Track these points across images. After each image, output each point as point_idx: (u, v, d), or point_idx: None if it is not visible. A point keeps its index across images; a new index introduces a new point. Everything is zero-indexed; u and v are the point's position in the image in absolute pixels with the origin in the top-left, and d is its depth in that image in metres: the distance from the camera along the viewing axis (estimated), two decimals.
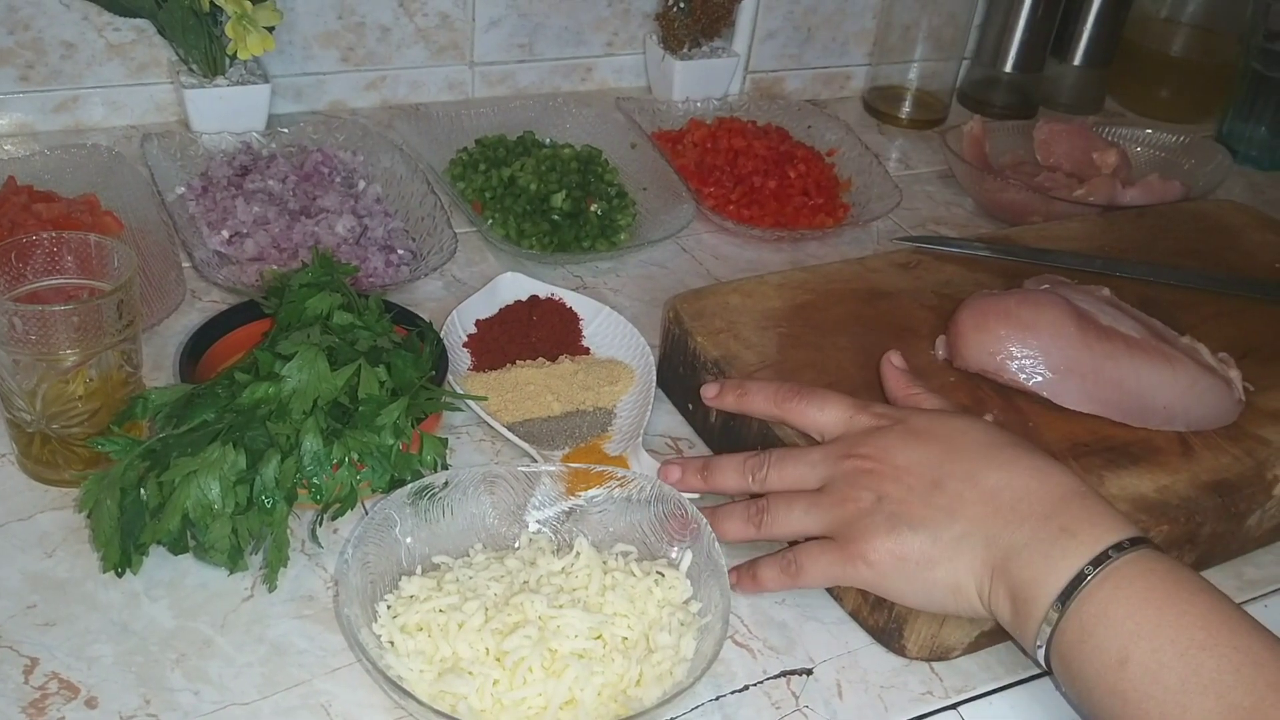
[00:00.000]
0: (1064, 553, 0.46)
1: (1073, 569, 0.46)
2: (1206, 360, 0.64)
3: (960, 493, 0.49)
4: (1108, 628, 0.44)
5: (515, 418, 0.64)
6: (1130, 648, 0.44)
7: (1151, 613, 0.44)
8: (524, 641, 0.48)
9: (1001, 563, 0.48)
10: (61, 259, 0.56)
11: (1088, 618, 0.45)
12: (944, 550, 0.49)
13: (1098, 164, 0.94)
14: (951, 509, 0.49)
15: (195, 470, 0.50)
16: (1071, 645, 0.45)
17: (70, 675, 0.48)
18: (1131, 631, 0.44)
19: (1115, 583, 0.45)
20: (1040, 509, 0.48)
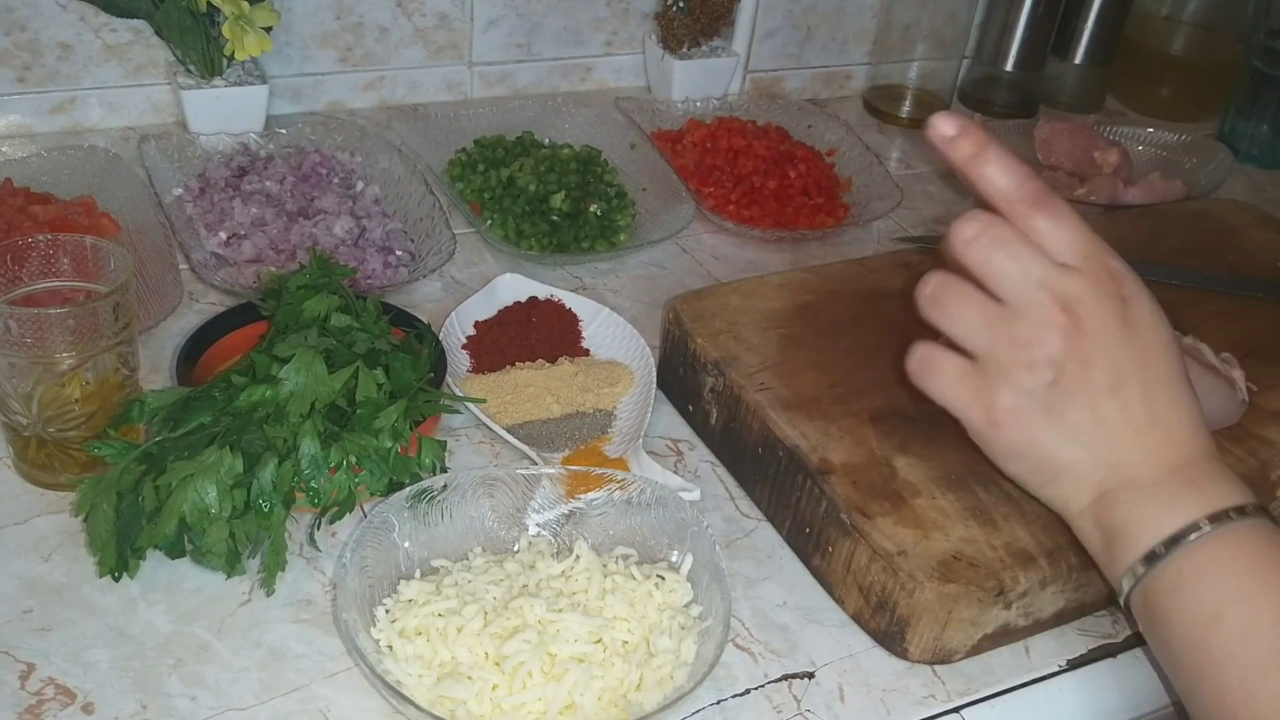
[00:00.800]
0: (1184, 500, 0.45)
1: (1188, 517, 0.45)
2: (1209, 360, 0.64)
3: (1126, 410, 0.46)
4: (1207, 583, 0.44)
5: (514, 420, 0.64)
6: (1226, 607, 0.43)
7: (1255, 578, 0.43)
8: (523, 646, 0.47)
9: (1114, 491, 0.46)
10: (58, 261, 0.56)
11: (1189, 568, 0.44)
12: (1072, 451, 0.47)
13: (1099, 163, 0.94)
14: (1107, 421, 0.46)
15: (192, 474, 0.50)
16: (1164, 592, 0.45)
17: (67, 680, 0.48)
18: (1231, 592, 0.43)
19: (1225, 542, 0.44)
20: (1178, 458, 0.46)
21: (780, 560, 0.59)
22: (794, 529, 0.59)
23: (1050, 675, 0.54)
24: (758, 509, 0.61)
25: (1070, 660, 0.55)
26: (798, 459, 0.58)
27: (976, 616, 0.52)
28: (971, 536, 0.54)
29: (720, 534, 0.60)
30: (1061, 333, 0.45)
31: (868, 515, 0.54)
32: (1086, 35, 1.12)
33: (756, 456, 0.61)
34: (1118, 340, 0.46)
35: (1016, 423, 0.47)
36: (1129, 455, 0.47)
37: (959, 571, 0.52)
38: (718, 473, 0.64)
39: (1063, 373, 0.46)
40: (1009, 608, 0.53)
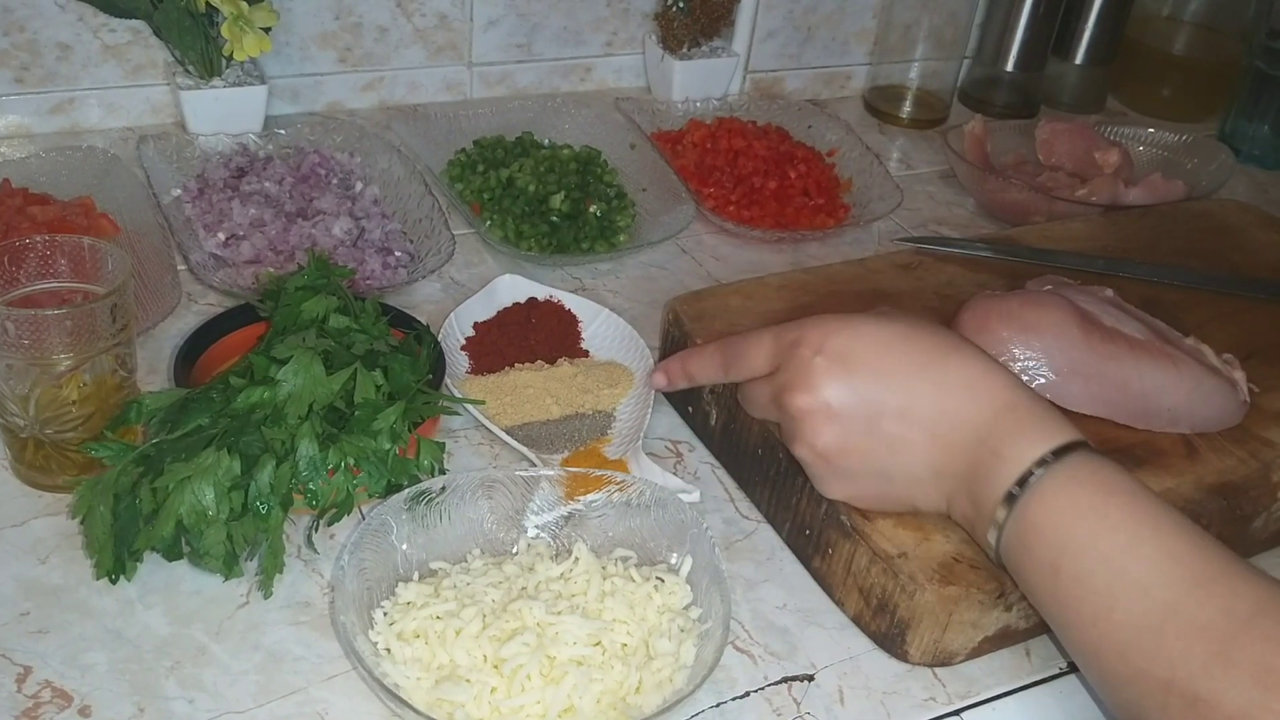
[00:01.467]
0: (995, 477, 0.48)
1: (1002, 491, 0.47)
2: (1211, 361, 0.64)
3: (899, 433, 0.50)
4: (1039, 539, 0.46)
5: (514, 421, 0.63)
6: (1060, 558, 0.46)
7: (1077, 523, 0.45)
8: (522, 648, 0.47)
9: (952, 494, 0.50)
10: (55, 262, 0.56)
11: (1023, 531, 0.47)
12: (898, 487, 0.51)
13: (1100, 163, 0.94)
14: (894, 448, 0.50)
15: (190, 476, 0.50)
16: (1015, 559, 0.48)
17: (64, 684, 0.48)
18: (1060, 543, 0.46)
19: (1043, 496, 0.46)
20: (973, 434, 0.49)
21: (780, 562, 0.58)
22: (794, 531, 0.59)
23: (1051, 678, 0.54)
24: (757, 511, 0.61)
25: (1071, 663, 0.55)
26: (797, 460, 0.57)
27: (977, 619, 0.52)
28: (971, 539, 0.53)
29: (720, 536, 0.59)
30: (801, 419, 0.51)
31: (868, 517, 0.54)
32: (1087, 35, 1.12)
33: (756, 458, 0.61)
34: (839, 381, 0.50)
35: (842, 492, 0.53)
36: (938, 462, 0.50)
37: (960, 573, 0.52)
38: (717, 474, 0.64)
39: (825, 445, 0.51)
40: (1010, 610, 0.53)
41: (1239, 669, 0.40)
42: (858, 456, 0.50)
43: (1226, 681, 0.40)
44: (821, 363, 0.50)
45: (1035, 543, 0.46)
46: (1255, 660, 0.40)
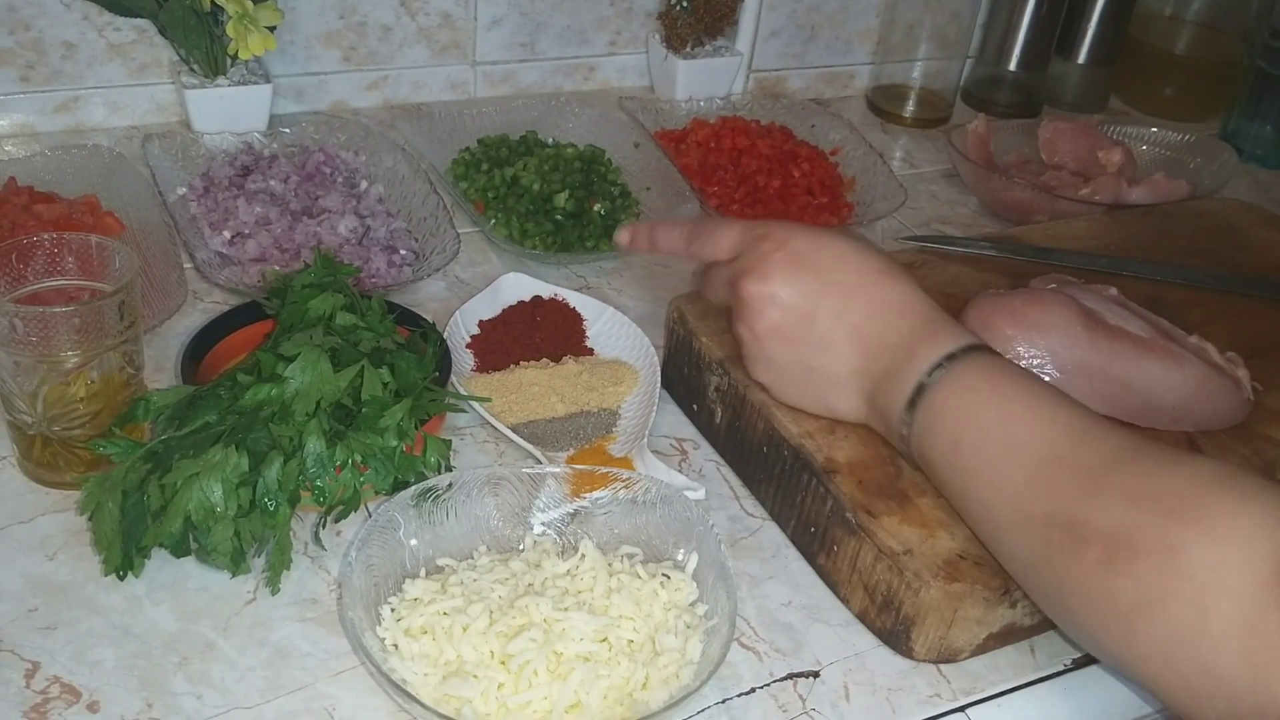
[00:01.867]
0: (909, 372, 0.53)
1: (914, 381, 0.53)
2: (1215, 360, 0.64)
3: (831, 331, 0.55)
4: (943, 418, 0.52)
5: (519, 419, 0.63)
6: (960, 431, 0.51)
7: (977, 399, 0.51)
8: (529, 644, 0.47)
9: (870, 393, 0.56)
10: (62, 260, 0.56)
11: (929, 414, 0.52)
12: (818, 383, 0.57)
13: (1103, 162, 0.94)
14: (823, 345, 0.56)
15: (197, 472, 0.50)
16: (920, 441, 0.53)
17: (72, 679, 0.48)
18: (961, 421, 0.51)
19: (947, 384, 0.52)
20: (896, 339, 0.54)
21: (785, 559, 0.59)
22: (799, 528, 0.59)
23: (1056, 674, 0.54)
24: (763, 508, 0.61)
25: (1076, 659, 0.55)
26: (803, 458, 0.57)
27: (982, 615, 0.52)
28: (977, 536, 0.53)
29: (725, 533, 0.59)
30: (750, 303, 0.56)
31: (873, 514, 0.54)
32: (1090, 35, 1.12)
33: (761, 455, 0.61)
34: (791, 277, 0.55)
35: (766, 373, 0.59)
36: (859, 362, 0.55)
37: (964, 570, 0.52)
38: (722, 472, 0.64)
39: (766, 327, 0.56)
40: (1014, 607, 0.53)
41: (1112, 494, 0.45)
42: (789, 346, 0.56)
43: (1100, 505, 0.45)
44: (779, 257, 0.56)
45: (940, 423, 0.52)
46: (1126, 486, 0.45)
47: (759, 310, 0.56)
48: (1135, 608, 0.43)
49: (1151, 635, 0.43)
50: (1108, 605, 0.44)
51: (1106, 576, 0.44)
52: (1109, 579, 0.44)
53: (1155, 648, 0.43)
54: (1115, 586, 0.44)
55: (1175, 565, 0.42)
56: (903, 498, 0.55)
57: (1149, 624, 0.43)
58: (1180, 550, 0.42)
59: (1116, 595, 0.44)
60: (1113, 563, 0.44)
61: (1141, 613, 0.43)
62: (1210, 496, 0.43)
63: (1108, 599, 0.44)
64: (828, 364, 0.56)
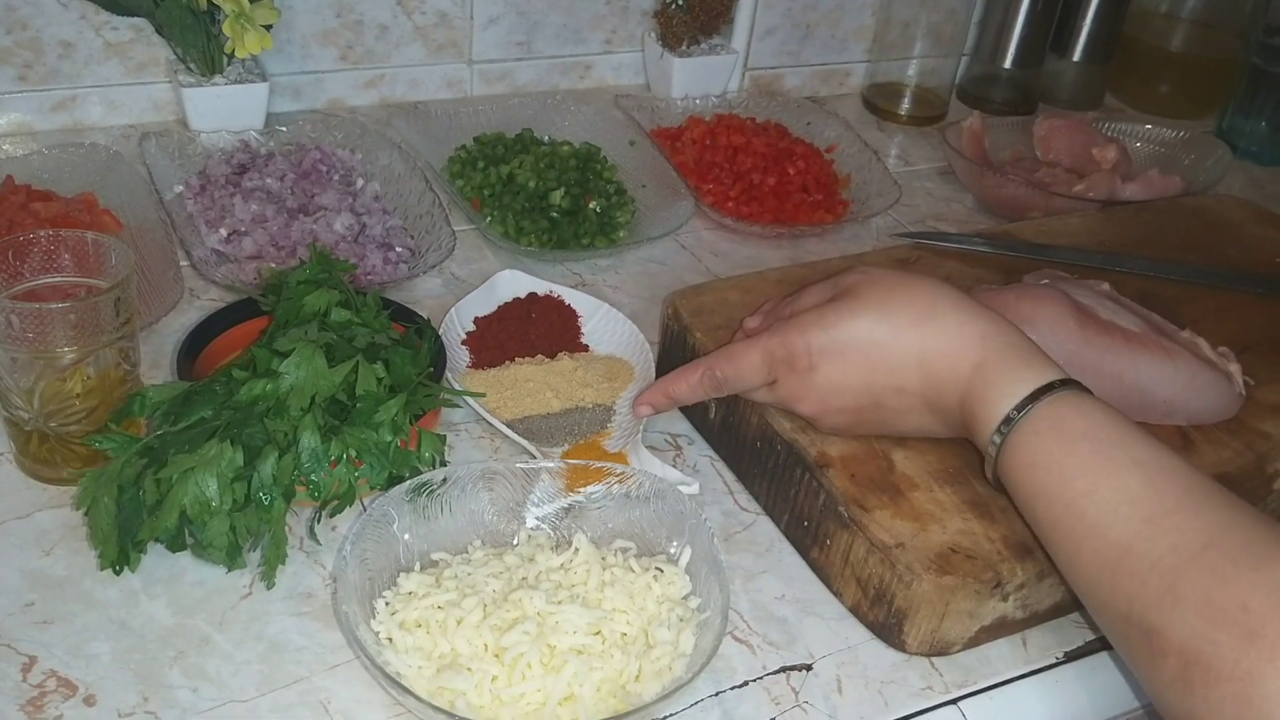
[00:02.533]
0: (979, 432, 0.52)
1: (984, 444, 0.52)
2: (1207, 354, 0.64)
3: (899, 404, 0.55)
4: (1016, 492, 0.51)
5: (514, 415, 0.64)
6: (1034, 507, 0.50)
7: (1041, 475, 0.49)
8: (523, 637, 0.48)
9: (963, 434, 0.54)
10: (59, 257, 0.56)
11: (1006, 482, 0.51)
12: (909, 432, 0.57)
13: (1097, 159, 0.94)
14: (899, 414, 0.55)
15: (193, 467, 0.50)
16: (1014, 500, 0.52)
17: (68, 673, 0.48)
18: (1031, 494, 0.50)
19: (1009, 455, 0.50)
20: (957, 395, 0.53)
21: (779, 553, 0.59)
22: (792, 522, 0.59)
23: (1048, 667, 0.55)
24: (756, 503, 0.62)
25: (1068, 652, 0.55)
26: (796, 453, 0.58)
27: (974, 608, 0.53)
28: (969, 529, 0.54)
29: (719, 528, 0.60)
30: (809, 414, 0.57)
31: (865, 508, 0.54)
32: (1085, 32, 1.12)
33: (755, 451, 0.61)
34: (833, 380, 0.55)
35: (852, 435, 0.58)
36: (938, 408, 0.54)
37: (956, 564, 0.52)
38: (716, 467, 0.64)
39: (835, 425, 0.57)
40: (1006, 600, 0.53)
41: (1185, 602, 0.43)
42: (868, 428, 0.57)
43: (1174, 614, 0.43)
44: (819, 371, 0.55)
45: (1014, 493, 0.51)
46: (1199, 593, 0.43)
47: (827, 423, 0.57)
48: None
49: None
50: (1188, 717, 0.43)
51: (1184, 694, 0.43)
52: (1186, 695, 0.42)
53: None
54: (1193, 707, 0.42)
55: (1251, 698, 0.40)
56: (895, 492, 0.56)
57: None
58: (1257, 681, 0.40)
59: (1194, 713, 0.42)
60: (1189, 683, 0.42)
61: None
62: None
63: (1187, 715, 0.43)
64: (910, 425, 0.56)
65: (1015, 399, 0.50)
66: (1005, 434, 0.50)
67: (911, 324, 0.53)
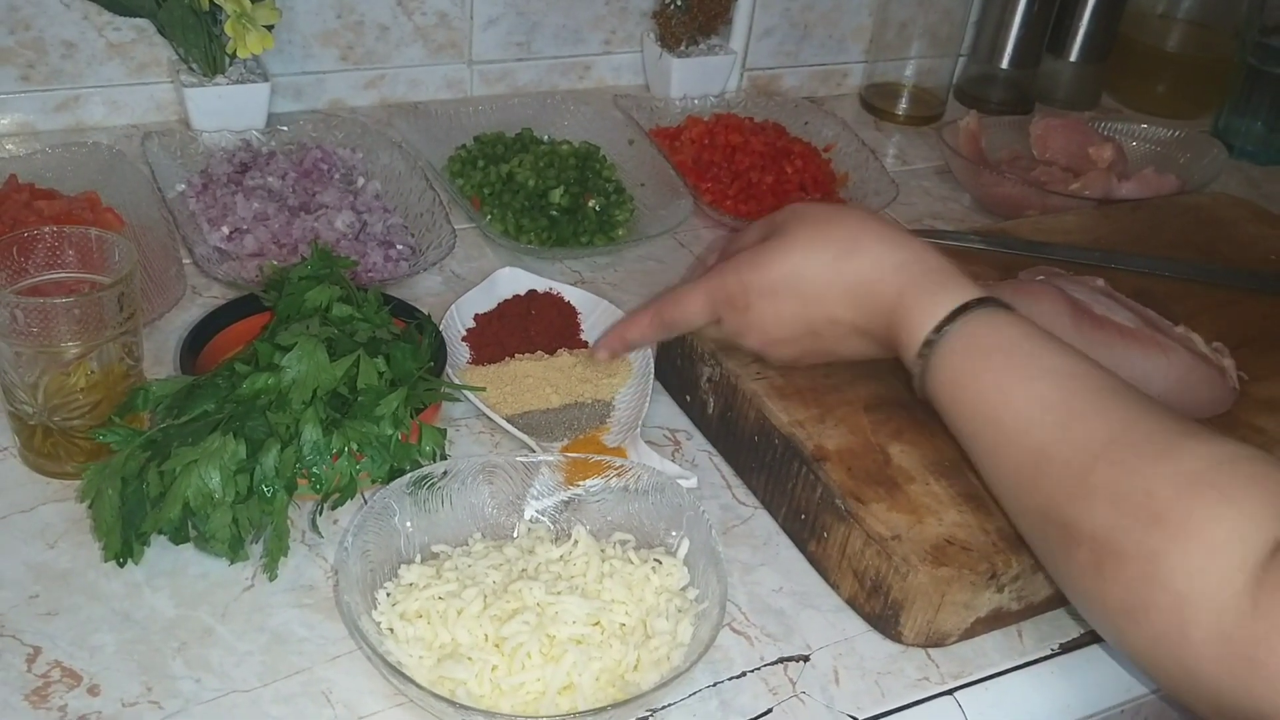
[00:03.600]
0: (906, 356, 0.54)
1: (910, 365, 0.54)
2: (1200, 349, 0.65)
3: (835, 333, 0.57)
4: (941, 408, 0.53)
5: (514, 410, 0.64)
6: (956, 422, 0.52)
7: (959, 392, 0.51)
8: (522, 628, 0.48)
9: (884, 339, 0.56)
10: (63, 253, 0.57)
11: (932, 399, 0.53)
12: (845, 356, 0.59)
13: (1093, 158, 0.95)
14: (836, 342, 0.58)
15: (196, 460, 0.50)
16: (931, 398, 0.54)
17: (72, 664, 0.49)
18: (954, 410, 0.52)
19: (932, 375, 0.52)
20: (886, 320, 0.54)
21: (776, 546, 0.59)
22: (790, 515, 0.59)
23: (1043, 658, 0.55)
24: (754, 496, 0.62)
25: (1063, 644, 0.56)
26: (793, 446, 0.58)
27: (969, 600, 0.53)
28: (964, 521, 0.54)
29: (717, 521, 0.60)
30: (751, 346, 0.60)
31: (862, 501, 0.55)
32: (1082, 32, 1.12)
33: (753, 445, 0.61)
34: (771, 316, 0.57)
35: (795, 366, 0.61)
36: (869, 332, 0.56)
37: (952, 555, 0.52)
38: (714, 461, 0.64)
39: (773, 354, 0.60)
40: (1001, 591, 0.54)
41: (1096, 495, 0.45)
42: (815, 356, 0.60)
43: (1086, 507, 0.45)
44: (755, 309, 0.58)
45: (942, 413, 0.53)
46: (1108, 486, 0.45)
47: (770, 353, 0.60)
48: (1122, 611, 0.44)
49: (1139, 638, 0.44)
50: (1099, 605, 0.46)
51: (1096, 579, 0.45)
52: (1098, 582, 0.45)
53: (1143, 649, 0.44)
54: (1104, 590, 0.45)
55: (1156, 575, 0.43)
56: (891, 484, 0.56)
57: (1135, 628, 0.44)
58: (1161, 559, 0.43)
59: (1106, 598, 0.45)
60: (1100, 567, 0.45)
61: (1128, 617, 0.44)
62: (1191, 498, 0.43)
63: (1099, 600, 0.45)
64: (846, 350, 0.58)
65: (934, 321, 0.52)
66: (927, 356, 0.52)
67: (836, 258, 0.55)
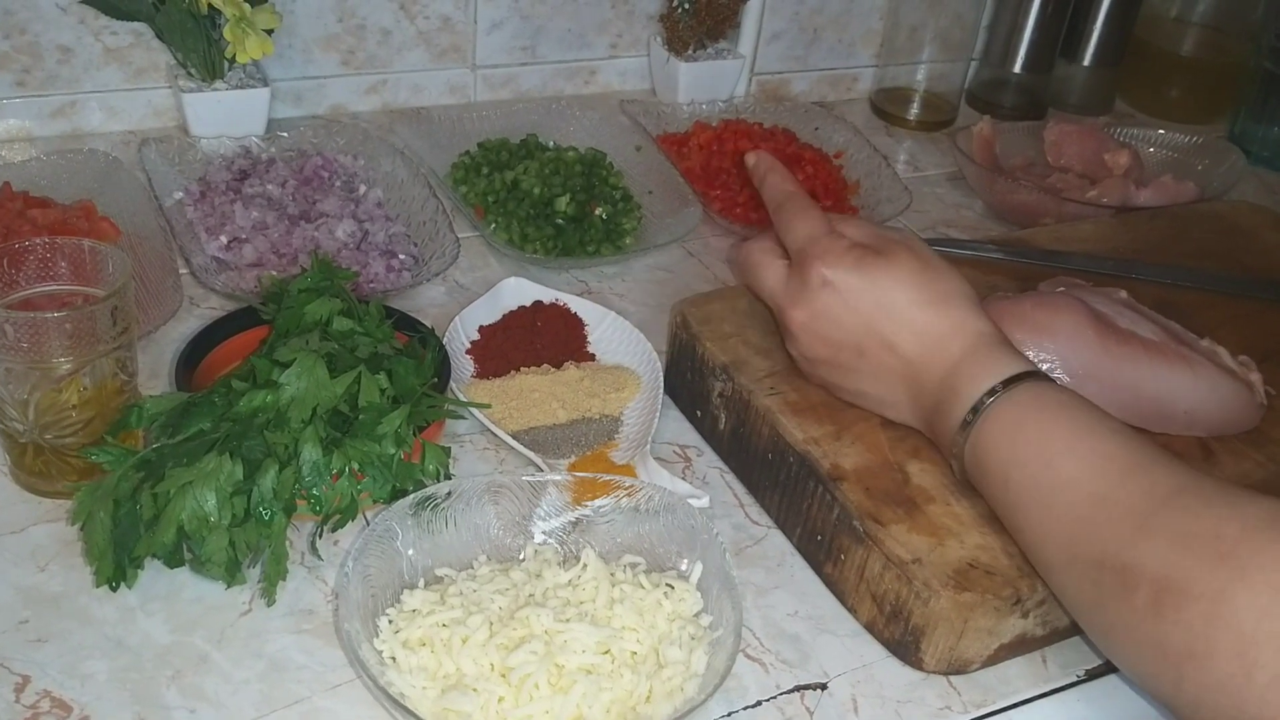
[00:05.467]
0: (954, 410, 0.53)
1: (959, 420, 0.53)
2: (1227, 363, 0.63)
3: (883, 361, 0.56)
4: (991, 457, 0.52)
5: (520, 426, 0.62)
6: (1008, 470, 0.51)
7: (1020, 437, 0.51)
8: (530, 657, 0.46)
9: (924, 422, 0.56)
10: (55, 265, 0.55)
11: (979, 453, 0.52)
12: (871, 401, 0.58)
13: (1109, 165, 0.93)
14: (876, 374, 0.57)
15: (191, 481, 0.49)
16: (975, 478, 0.53)
17: (63, 693, 0.47)
18: (1007, 457, 0.51)
19: (990, 421, 0.52)
20: (941, 375, 0.54)
21: (791, 568, 0.58)
22: (805, 536, 0.58)
23: (1068, 685, 0.53)
24: (768, 516, 0.60)
25: (1089, 670, 0.54)
26: (809, 465, 0.56)
27: (993, 626, 0.51)
28: (987, 544, 0.53)
29: (730, 541, 0.58)
30: (799, 331, 0.58)
31: (881, 522, 0.53)
32: (1095, 37, 1.11)
33: (766, 462, 0.60)
34: (840, 317, 0.56)
35: (822, 382, 0.60)
36: (913, 386, 0.56)
37: (975, 580, 0.51)
38: (726, 479, 0.63)
39: (816, 356, 0.58)
40: (1026, 616, 0.52)
41: (1159, 537, 0.44)
42: (834, 375, 0.58)
43: (1147, 548, 0.44)
44: (825, 294, 0.56)
45: (988, 459, 0.52)
46: (1172, 528, 0.44)
47: (809, 342, 0.58)
48: (1183, 655, 0.42)
49: (1199, 683, 0.42)
50: (1157, 650, 0.43)
51: (1155, 622, 0.43)
52: (1157, 624, 0.43)
53: (1203, 695, 0.42)
54: (1164, 632, 0.43)
55: (1221, 614, 0.41)
56: (911, 505, 0.54)
57: (1196, 672, 0.42)
58: (1227, 598, 0.41)
59: (1165, 641, 0.43)
60: (1160, 608, 0.43)
61: (1189, 661, 0.42)
62: (1261, 540, 0.41)
63: (1157, 644, 0.43)
64: (881, 390, 0.57)
65: (1001, 376, 0.52)
66: (988, 404, 0.52)
67: (926, 302, 0.55)
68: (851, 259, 0.56)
